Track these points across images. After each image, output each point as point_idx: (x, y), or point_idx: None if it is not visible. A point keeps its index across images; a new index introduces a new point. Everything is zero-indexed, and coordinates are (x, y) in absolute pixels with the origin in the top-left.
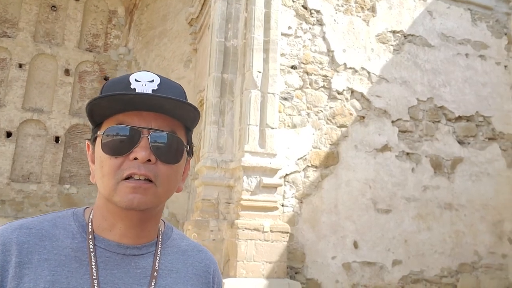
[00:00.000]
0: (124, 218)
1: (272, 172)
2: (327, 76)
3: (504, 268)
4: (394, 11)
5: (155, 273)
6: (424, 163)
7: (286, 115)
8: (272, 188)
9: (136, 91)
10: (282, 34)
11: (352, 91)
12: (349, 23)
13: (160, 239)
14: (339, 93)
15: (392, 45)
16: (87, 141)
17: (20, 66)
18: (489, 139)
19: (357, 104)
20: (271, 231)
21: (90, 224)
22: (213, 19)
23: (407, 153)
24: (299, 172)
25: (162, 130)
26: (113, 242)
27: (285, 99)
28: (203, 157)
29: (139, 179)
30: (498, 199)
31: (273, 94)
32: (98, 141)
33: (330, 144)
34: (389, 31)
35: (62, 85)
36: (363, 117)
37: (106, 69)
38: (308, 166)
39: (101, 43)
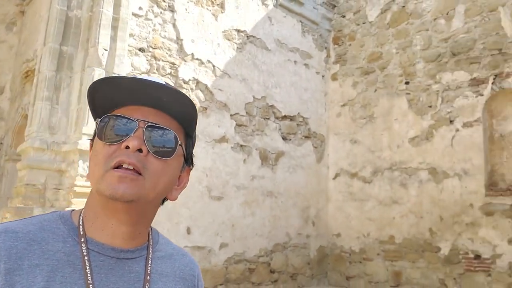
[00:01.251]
0: (116, 213)
1: None
2: (175, 64)
3: (307, 246)
4: (240, 11)
5: (148, 277)
6: (254, 155)
7: None
8: None
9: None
10: (133, 14)
11: (198, 82)
12: (199, 14)
13: (150, 243)
14: (185, 82)
15: (236, 43)
16: (89, 141)
17: None
18: (305, 137)
19: (201, 95)
20: None
21: (81, 226)
22: None
23: (241, 145)
24: None
25: (158, 124)
26: (107, 245)
27: None
28: (30, 136)
29: (127, 168)
30: (307, 189)
31: (118, 75)
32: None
33: None
34: (235, 29)
35: None
36: (206, 109)
37: None
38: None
39: None
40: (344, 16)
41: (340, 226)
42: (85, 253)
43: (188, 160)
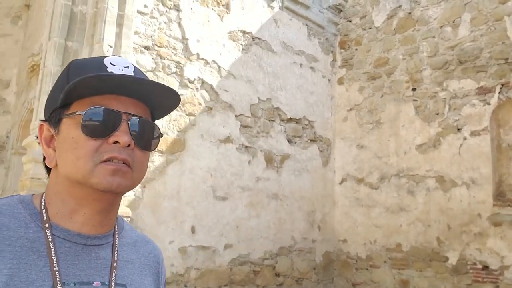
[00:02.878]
0: (94, 202)
1: None
2: (180, 63)
3: (313, 251)
4: (245, 12)
5: (115, 264)
6: (259, 157)
7: None
8: None
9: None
10: (138, 12)
11: (203, 82)
12: (205, 15)
13: (116, 230)
14: (190, 81)
15: (241, 44)
16: (41, 122)
17: None
18: (311, 140)
19: (206, 95)
20: None
21: (44, 211)
22: None
23: (246, 146)
24: None
25: (142, 117)
26: (73, 231)
27: None
28: (36, 130)
29: (117, 162)
30: (313, 192)
31: None
32: (71, 121)
33: (178, 131)
34: (240, 31)
35: None
36: (211, 108)
37: None
38: (154, 150)
39: None
40: (350, 21)
41: (347, 232)
42: (50, 239)
43: None
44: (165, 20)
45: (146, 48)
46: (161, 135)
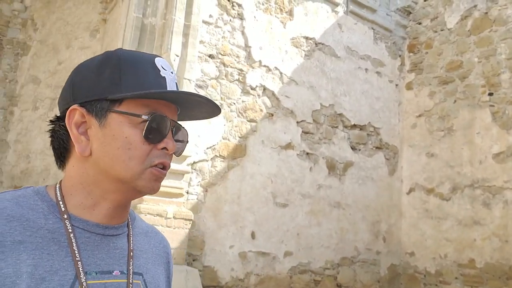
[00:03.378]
0: (122, 198)
1: (181, 158)
2: (243, 71)
3: (377, 263)
4: (309, 18)
5: (131, 254)
6: (321, 164)
7: None
8: (180, 174)
9: (166, 80)
10: (203, 22)
11: (265, 89)
12: (267, 22)
13: (129, 220)
14: (252, 88)
15: (304, 50)
16: (76, 106)
17: None
18: (377, 148)
19: (268, 102)
20: (174, 217)
21: (60, 202)
22: None
23: (307, 153)
24: (207, 161)
25: (181, 125)
26: (91, 221)
27: (200, 87)
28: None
29: (162, 168)
30: (378, 202)
31: (189, 80)
32: (125, 119)
33: (239, 137)
34: (303, 37)
35: None
36: (272, 115)
37: None
38: (216, 156)
39: None
40: (420, 23)
41: (414, 245)
42: (70, 230)
43: None
44: (229, 29)
45: (211, 56)
46: (187, 141)
